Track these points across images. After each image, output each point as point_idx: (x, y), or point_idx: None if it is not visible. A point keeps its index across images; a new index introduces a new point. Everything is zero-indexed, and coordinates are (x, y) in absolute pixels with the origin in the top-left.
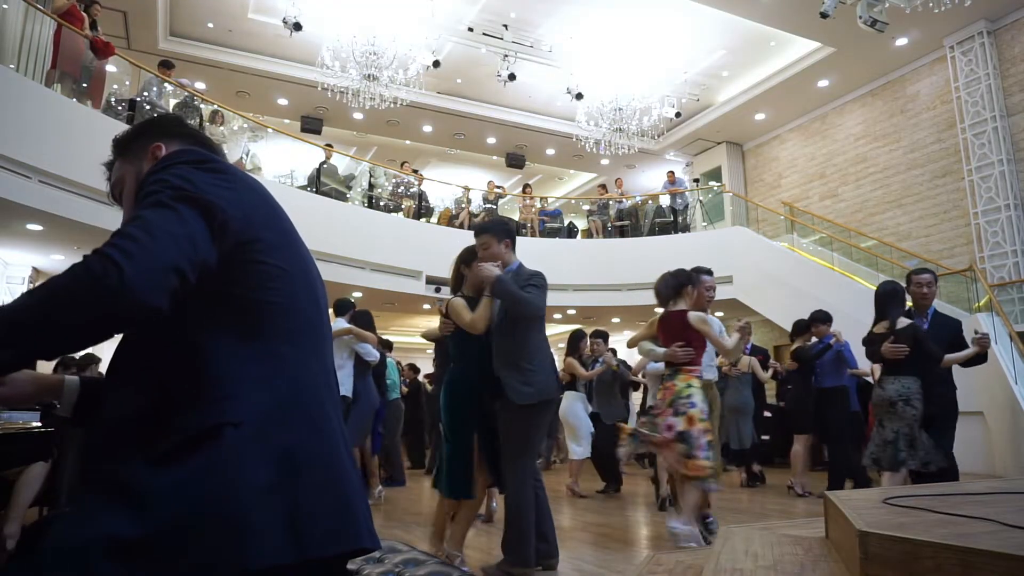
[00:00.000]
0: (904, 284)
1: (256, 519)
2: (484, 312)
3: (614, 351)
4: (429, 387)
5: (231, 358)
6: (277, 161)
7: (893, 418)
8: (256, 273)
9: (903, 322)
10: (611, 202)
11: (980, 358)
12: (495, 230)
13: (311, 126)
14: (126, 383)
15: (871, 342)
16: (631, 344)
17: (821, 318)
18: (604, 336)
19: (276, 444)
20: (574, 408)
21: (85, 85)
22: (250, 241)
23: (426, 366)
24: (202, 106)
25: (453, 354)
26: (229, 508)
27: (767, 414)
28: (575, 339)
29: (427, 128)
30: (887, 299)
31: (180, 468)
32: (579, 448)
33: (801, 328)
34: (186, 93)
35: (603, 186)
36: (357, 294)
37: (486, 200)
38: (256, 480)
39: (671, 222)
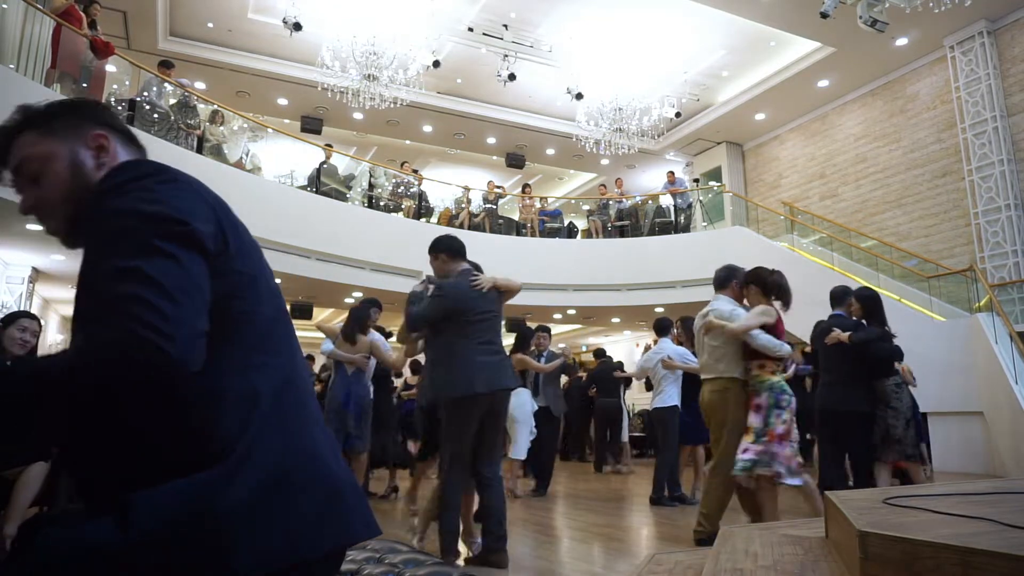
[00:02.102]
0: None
1: (243, 528)
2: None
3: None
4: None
5: (211, 371)
6: (277, 161)
7: None
8: (227, 284)
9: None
10: (611, 202)
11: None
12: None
13: (311, 126)
14: (109, 407)
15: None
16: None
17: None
18: (548, 331)
19: (261, 453)
20: (525, 405)
21: (85, 85)
22: (219, 253)
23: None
24: (202, 106)
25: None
26: (215, 519)
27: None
28: (524, 336)
29: (427, 128)
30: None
31: (167, 481)
32: (521, 447)
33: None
34: (185, 93)
35: (603, 186)
36: (357, 294)
37: (486, 200)
38: (242, 491)
39: (671, 222)
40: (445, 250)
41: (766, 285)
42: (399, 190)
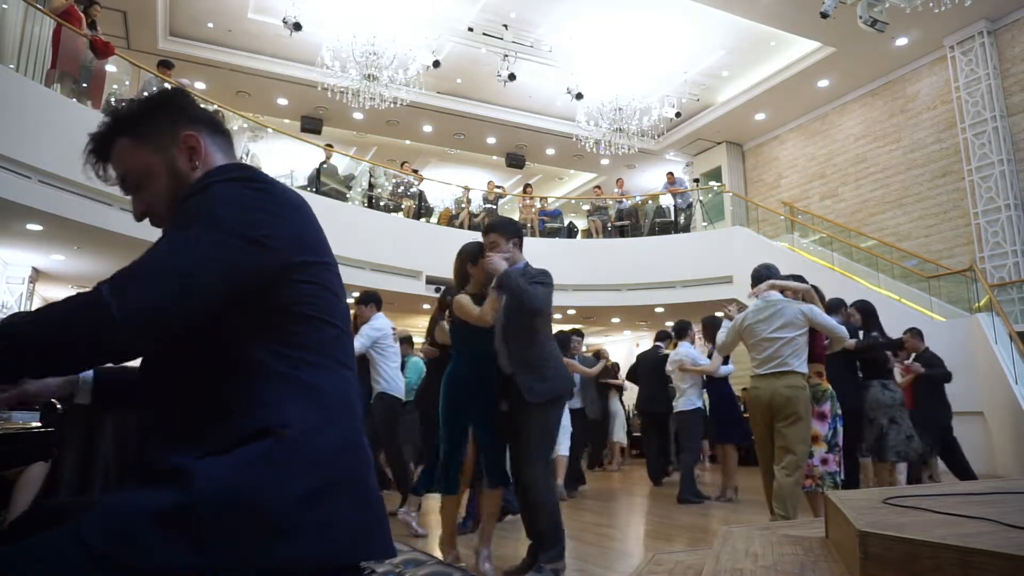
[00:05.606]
0: None
1: (291, 520)
2: (492, 305)
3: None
4: None
5: (275, 369)
6: (277, 161)
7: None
8: (297, 292)
9: None
10: (611, 202)
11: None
12: (504, 228)
13: (311, 126)
14: (171, 383)
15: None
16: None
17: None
18: (581, 335)
19: (315, 453)
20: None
21: (85, 85)
22: (295, 265)
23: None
24: (202, 106)
25: (453, 349)
26: (266, 504)
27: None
28: (565, 340)
29: (427, 128)
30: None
31: (226, 460)
32: (563, 445)
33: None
34: None
35: (598, 187)
36: (356, 294)
37: (486, 200)
38: (294, 485)
39: (671, 222)
40: (516, 235)
41: (822, 297)
42: (399, 190)
